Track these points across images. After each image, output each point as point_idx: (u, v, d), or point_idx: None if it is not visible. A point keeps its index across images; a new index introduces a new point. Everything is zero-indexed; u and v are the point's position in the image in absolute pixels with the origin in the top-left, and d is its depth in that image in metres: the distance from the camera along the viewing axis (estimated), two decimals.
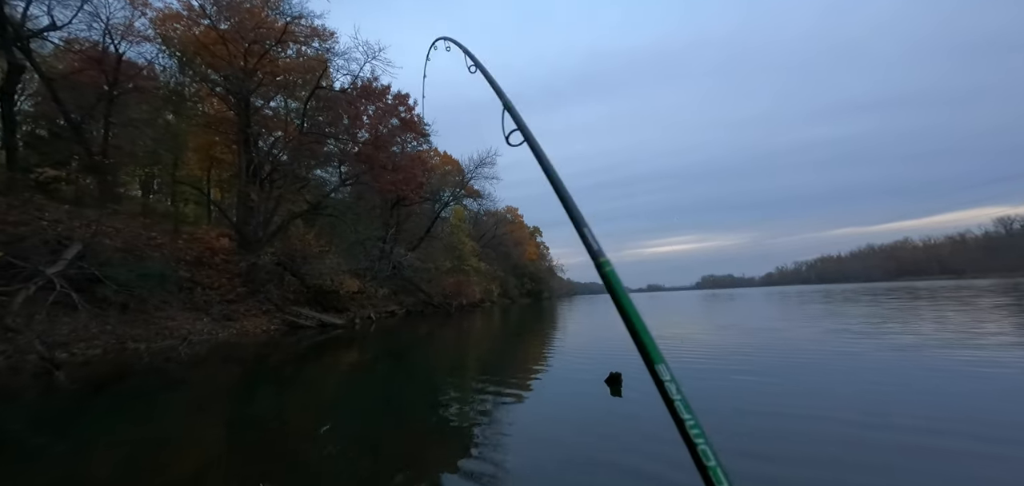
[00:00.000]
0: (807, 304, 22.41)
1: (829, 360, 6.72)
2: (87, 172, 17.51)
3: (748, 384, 5.48)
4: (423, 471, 3.30)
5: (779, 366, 6.55)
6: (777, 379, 5.65)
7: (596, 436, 3.91)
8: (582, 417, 4.49)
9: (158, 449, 4.09)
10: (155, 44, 18.07)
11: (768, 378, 5.71)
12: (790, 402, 4.61)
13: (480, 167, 33.60)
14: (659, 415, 3.51)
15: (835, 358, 6.87)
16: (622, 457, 3.35)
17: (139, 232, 12.93)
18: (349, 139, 21.54)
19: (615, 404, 4.74)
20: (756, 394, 4.94)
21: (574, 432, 4.06)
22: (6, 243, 8.42)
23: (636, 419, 4.27)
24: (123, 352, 8.95)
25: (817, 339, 8.92)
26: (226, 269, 15.16)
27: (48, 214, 10.68)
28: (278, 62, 18.70)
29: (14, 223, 9.38)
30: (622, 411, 4.57)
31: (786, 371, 6.18)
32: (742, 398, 4.79)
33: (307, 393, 6.32)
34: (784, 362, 6.77)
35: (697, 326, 13.05)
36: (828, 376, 5.71)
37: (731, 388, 5.29)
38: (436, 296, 30.10)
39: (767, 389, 5.18)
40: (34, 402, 5.94)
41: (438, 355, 10.19)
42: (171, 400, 6.10)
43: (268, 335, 13.41)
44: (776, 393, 4.96)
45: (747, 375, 5.93)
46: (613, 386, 5.19)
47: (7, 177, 11.05)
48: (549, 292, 75.72)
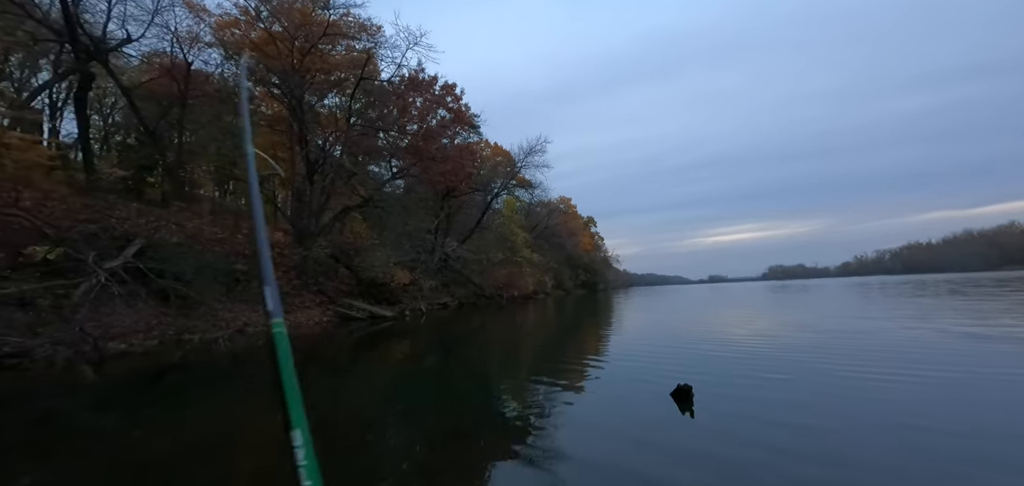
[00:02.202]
0: (902, 297, 19.46)
1: (971, 374, 5.20)
2: (163, 173, 18.86)
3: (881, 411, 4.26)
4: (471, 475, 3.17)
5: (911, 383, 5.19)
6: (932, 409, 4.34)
7: (658, 458, 3.12)
8: (642, 434, 3.59)
9: (214, 433, 4.27)
10: (217, 49, 19.03)
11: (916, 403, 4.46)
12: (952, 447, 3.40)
13: (530, 155, 32.65)
14: (740, 443, 2.24)
15: (977, 369, 5.35)
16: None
17: (201, 228, 13.50)
18: (398, 132, 21.52)
19: (684, 424, 3.79)
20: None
21: (633, 449, 3.30)
22: (74, 241, 8.85)
23: (710, 444, 3.33)
24: (179, 343, 9.18)
25: (936, 343, 7.27)
26: (281, 262, 15.58)
27: (118, 212, 11.33)
28: (328, 59, 18.97)
29: (85, 220, 9.97)
30: (692, 432, 3.64)
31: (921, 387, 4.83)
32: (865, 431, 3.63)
33: (361, 383, 6.51)
34: (915, 377, 5.33)
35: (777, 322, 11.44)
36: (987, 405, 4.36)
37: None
38: (488, 288, 29.77)
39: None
40: (96, 390, 6.11)
41: (487, 350, 9.82)
42: (227, 388, 6.28)
43: (321, 327, 13.58)
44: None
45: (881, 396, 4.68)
46: (681, 401, 4.22)
47: (83, 179, 11.89)
48: (604, 283, 73.57)
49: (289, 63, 16.12)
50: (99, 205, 10.92)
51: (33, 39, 12.15)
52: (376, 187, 22.08)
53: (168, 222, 11.79)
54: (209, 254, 12.25)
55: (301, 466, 0.77)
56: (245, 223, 16.16)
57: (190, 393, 6.15)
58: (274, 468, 3.25)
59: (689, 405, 4.09)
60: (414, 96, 21.51)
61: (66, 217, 9.68)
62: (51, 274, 7.97)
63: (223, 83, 20.77)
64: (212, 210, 19.22)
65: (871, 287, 34.38)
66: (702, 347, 7.94)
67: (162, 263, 10.52)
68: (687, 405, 4.09)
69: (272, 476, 3.14)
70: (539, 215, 51.14)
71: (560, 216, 58.40)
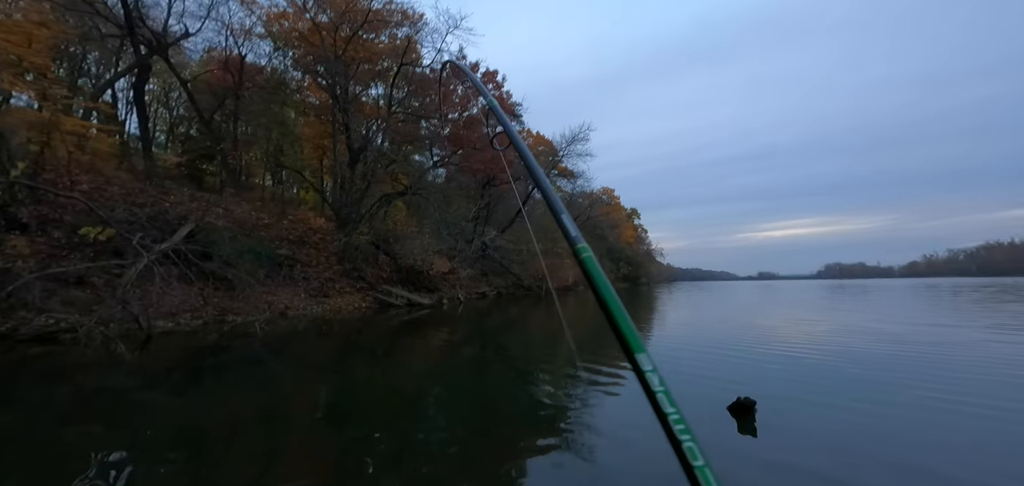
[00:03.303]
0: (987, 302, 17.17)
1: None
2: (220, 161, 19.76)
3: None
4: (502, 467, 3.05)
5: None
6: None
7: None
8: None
9: (255, 412, 4.34)
10: (266, 41, 19.68)
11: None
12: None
13: (573, 144, 31.77)
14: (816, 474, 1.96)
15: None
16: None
17: (249, 214, 13.95)
18: (439, 120, 21.43)
19: (744, 445, 3.17)
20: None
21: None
22: (128, 223, 9.25)
23: (778, 474, 2.69)
24: (222, 323, 9.43)
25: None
26: (324, 248, 15.90)
27: (172, 197, 11.85)
28: (371, 47, 19.11)
29: (140, 204, 10.46)
30: (755, 456, 3.01)
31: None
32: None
33: (399, 369, 6.49)
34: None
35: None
36: None
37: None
38: (527, 278, 29.35)
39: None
40: (146, 366, 6.27)
41: (524, 343, 9.52)
42: (267, 370, 6.31)
43: (360, 312, 13.71)
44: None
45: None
46: (741, 417, 3.58)
47: (144, 165, 12.55)
48: (647, 277, 71.20)
49: (333, 52, 16.29)
50: (154, 191, 11.47)
51: (99, 34, 12.91)
52: (417, 175, 22.15)
53: (218, 207, 12.21)
54: (254, 239, 12.60)
55: (658, 392, 0.69)
56: (291, 210, 16.67)
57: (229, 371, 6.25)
58: (312, 440, 3.60)
59: (750, 422, 3.46)
60: (455, 83, 21.30)
61: (123, 200, 10.20)
62: (106, 254, 8.37)
63: (274, 73, 21.54)
64: (261, 197, 20.02)
65: (941, 291, 30.82)
66: (759, 352, 7.11)
67: (210, 247, 10.89)
68: (748, 422, 3.47)
69: (312, 447, 3.44)
70: (581, 205, 49.98)
71: (602, 207, 56.85)
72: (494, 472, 2.96)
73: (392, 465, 3.06)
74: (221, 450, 3.43)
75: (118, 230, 8.46)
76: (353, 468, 3.04)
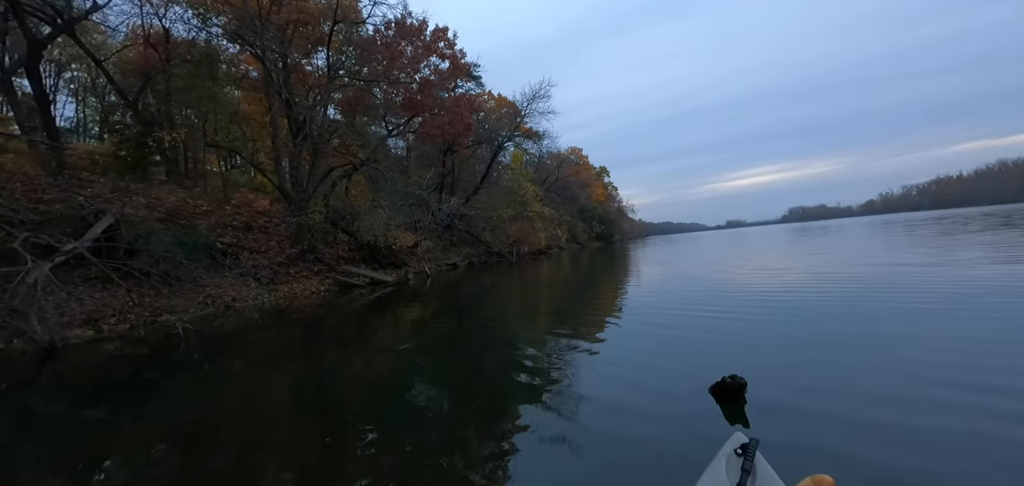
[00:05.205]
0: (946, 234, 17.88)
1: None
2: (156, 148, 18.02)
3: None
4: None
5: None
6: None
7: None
8: (667, 449, 2.63)
9: (200, 424, 3.84)
10: (187, 10, 17.70)
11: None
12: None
13: (534, 102, 30.79)
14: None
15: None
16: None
17: (185, 201, 12.74)
18: (389, 85, 20.10)
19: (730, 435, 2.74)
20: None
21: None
22: (39, 223, 8.14)
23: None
24: (154, 326, 8.54)
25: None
26: (275, 232, 14.86)
27: (89, 189, 10.58)
28: (305, 7, 17.48)
29: (48, 200, 9.25)
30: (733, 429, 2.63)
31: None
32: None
33: (367, 352, 6.02)
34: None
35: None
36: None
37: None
38: (498, 245, 28.88)
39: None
40: (50, 385, 5.45)
41: (498, 311, 9.31)
42: (212, 371, 5.71)
43: (318, 296, 12.91)
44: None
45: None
46: (726, 400, 2.99)
47: (51, 157, 11.15)
48: (620, 234, 72.04)
49: (257, 14, 14.77)
50: (66, 185, 10.18)
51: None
52: (372, 146, 20.93)
53: (141, 197, 11.01)
54: (187, 229, 11.51)
55: None
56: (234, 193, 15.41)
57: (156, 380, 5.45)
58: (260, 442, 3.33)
59: (739, 406, 2.95)
60: (403, 44, 19.95)
61: (25, 197, 8.96)
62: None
63: (207, 48, 19.58)
64: (204, 184, 18.49)
65: (897, 225, 32.11)
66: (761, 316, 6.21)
67: (137, 240, 9.83)
68: (737, 407, 2.94)
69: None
70: (549, 167, 49.40)
71: (571, 168, 56.41)
72: (479, 445, 2.90)
73: (371, 458, 2.86)
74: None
75: (8, 229, 7.36)
76: (333, 460, 2.86)
